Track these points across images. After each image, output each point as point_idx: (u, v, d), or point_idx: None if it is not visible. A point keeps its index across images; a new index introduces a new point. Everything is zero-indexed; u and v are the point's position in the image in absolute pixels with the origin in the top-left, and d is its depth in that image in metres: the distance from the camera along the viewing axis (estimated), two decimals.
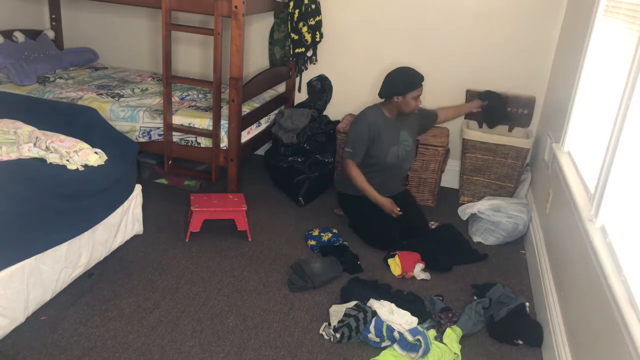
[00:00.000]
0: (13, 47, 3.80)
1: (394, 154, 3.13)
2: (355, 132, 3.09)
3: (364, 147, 3.08)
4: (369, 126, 3.07)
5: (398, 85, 3.03)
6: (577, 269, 2.16)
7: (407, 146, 3.20)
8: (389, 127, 3.12)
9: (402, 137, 3.17)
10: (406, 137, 3.20)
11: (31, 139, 2.49)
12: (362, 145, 3.08)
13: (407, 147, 3.20)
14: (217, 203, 3.01)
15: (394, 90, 3.04)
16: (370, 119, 3.10)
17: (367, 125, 3.07)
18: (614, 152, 1.95)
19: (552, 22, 3.55)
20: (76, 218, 2.34)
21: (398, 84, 3.03)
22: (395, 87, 3.04)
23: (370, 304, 2.39)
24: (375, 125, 3.08)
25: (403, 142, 3.18)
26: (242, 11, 2.94)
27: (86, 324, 2.26)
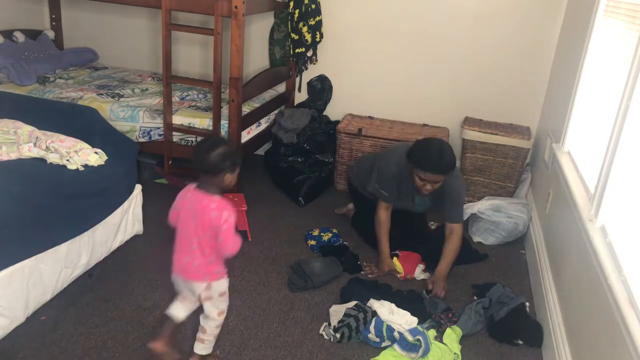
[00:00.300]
0: (13, 47, 3.80)
1: (404, 205, 2.93)
2: (386, 174, 2.79)
3: (395, 190, 2.80)
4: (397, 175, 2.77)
5: (413, 154, 2.66)
6: (577, 269, 2.16)
7: (417, 209, 3.00)
8: (408, 185, 2.76)
9: (419, 200, 2.92)
10: (422, 202, 2.94)
11: (31, 139, 2.49)
12: (393, 187, 2.80)
13: (415, 209, 3.00)
14: None
15: (411, 154, 2.67)
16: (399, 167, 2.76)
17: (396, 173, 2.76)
18: (614, 152, 1.95)
19: (552, 22, 3.55)
20: (76, 218, 2.34)
21: (414, 152, 2.66)
22: (413, 152, 2.67)
23: (370, 304, 2.39)
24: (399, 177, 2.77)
25: (417, 205, 2.96)
26: (242, 11, 2.94)
27: (86, 324, 2.26)
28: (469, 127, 3.59)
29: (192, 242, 1.89)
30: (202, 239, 1.88)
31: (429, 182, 2.61)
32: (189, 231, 1.90)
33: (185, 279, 1.96)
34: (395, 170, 2.77)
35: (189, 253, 1.91)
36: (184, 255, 1.93)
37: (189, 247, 1.91)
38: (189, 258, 1.92)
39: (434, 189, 2.64)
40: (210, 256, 1.91)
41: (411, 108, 3.72)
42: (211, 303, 2.01)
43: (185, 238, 1.92)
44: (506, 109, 3.79)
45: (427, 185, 2.62)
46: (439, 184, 2.63)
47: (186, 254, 1.92)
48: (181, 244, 1.94)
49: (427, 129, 3.73)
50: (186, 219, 1.91)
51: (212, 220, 1.85)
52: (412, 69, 3.83)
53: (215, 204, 1.87)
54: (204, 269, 1.92)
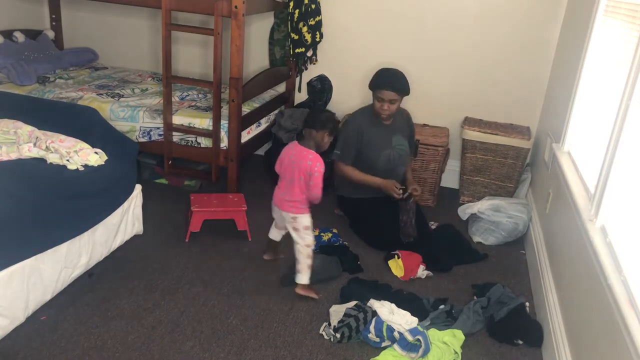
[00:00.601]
0: (13, 47, 3.80)
1: (385, 158, 3.12)
2: (343, 134, 3.11)
3: (351, 149, 3.09)
4: (357, 131, 3.08)
5: (372, 78, 3.08)
6: (577, 269, 2.16)
7: (401, 150, 3.18)
8: (379, 131, 3.12)
9: (395, 141, 3.16)
10: (400, 141, 3.18)
11: (31, 139, 2.49)
12: (349, 147, 3.09)
13: (401, 151, 3.18)
14: (217, 203, 3.01)
15: (370, 82, 3.09)
16: (357, 122, 3.12)
17: (356, 130, 3.09)
18: (614, 152, 1.95)
19: (552, 22, 3.55)
20: (76, 218, 2.34)
21: (373, 77, 3.08)
22: (371, 80, 3.08)
23: (371, 304, 2.39)
24: (363, 129, 3.09)
25: (397, 146, 3.16)
26: (242, 11, 2.94)
27: (86, 324, 2.26)
28: (469, 127, 3.59)
29: (289, 182, 2.49)
30: (297, 181, 2.46)
31: (386, 100, 3.00)
32: (289, 174, 2.49)
33: (280, 209, 2.56)
34: (354, 130, 3.09)
35: (285, 190, 2.52)
36: (282, 191, 2.54)
37: (286, 186, 2.51)
38: (285, 194, 2.52)
39: (391, 110, 3.03)
40: (300, 195, 2.48)
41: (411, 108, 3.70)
42: (297, 234, 2.53)
43: (285, 179, 2.51)
44: (506, 109, 3.79)
45: (384, 104, 3.01)
46: (395, 104, 3.03)
47: (283, 190, 2.53)
48: (282, 183, 2.55)
49: (427, 129, 3.73)
50: (289, 164, 2.50)
51: (308, 167, 2.43)
52: (412, 69, 3.82)
53: (312, 155, 2.46)
54: (293, 204, 2.51)
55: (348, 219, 3.28)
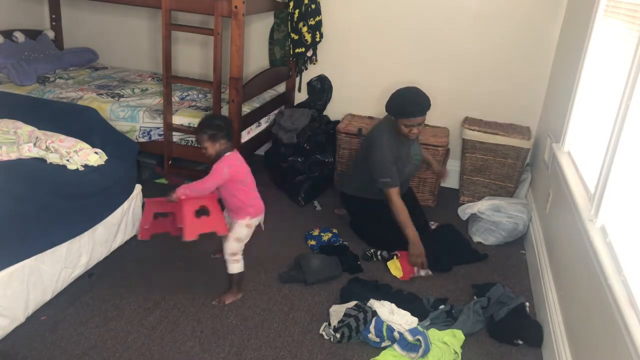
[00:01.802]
0: (13, 47, 3.80)
1: (406, 174, 3.06)
2: (382, 158, 2.92)
3: (396, 170, 2.94)
4: (391, 151, 2.94)
5: (394, 106, 2.91)
6: (577, 269, 2.16)
7: (417, 160, 3.12)
8: (401, 147, 2.99)
9: (413, 151, 3.07)
10: (416, 150, 3.10)
11: (31, 139, 2.49)
12: (395, 168, 2.93)
13: (416, 162, 3.12)
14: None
15: (390, 108, 2.94)
16: (389, 143, 2.94)
17: (390, 150, 2.93)
18: (614, 152, 1.95)
19: (552, 22, 3.55)
20: (76, 218, 2.35)
21: (395, 105, 2.91)
22: (391, 106, 2.93)
23: (371, 304, 2.39)
24: (392, 148, 2.94)
25: (414, 155, 3.08)
26: (242, 11, 2.94)
27: (86, 324, 2.26)
28: (469, 127, 3.59)
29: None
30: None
31: (415, 125, 2.89)
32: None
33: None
34: (388, 151, 2.94)
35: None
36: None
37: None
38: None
39: (420, 130, 2.95)
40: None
41: None
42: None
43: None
44: (506, 109, 3.79)
45: (414, 129, 2.90)
46: (422, 125, 2.95)
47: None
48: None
49: (427, 129, 3.72)
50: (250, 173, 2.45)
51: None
52: (412, 69, 3.82)
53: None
54: None
55: (350, 217, 3.27)
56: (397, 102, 2.91)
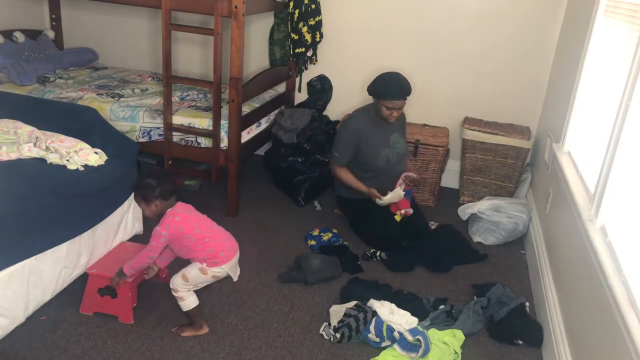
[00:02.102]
0: (13, 47, 3.80)
1: (384, 157, 3.11)
2: (340, 136, 3.14)
3: (349, 151, 3.10)
4: (355, 132, 3.07)
5: (376, 88, 3.03)
6: (577, 269, 2.16)
7: (399, 149, 3.17)
8: (378, 131, 3.10)
9: (394, 140, 3.15)
10: (398, 140, 3.17)
11: (31, 139, 2.49)
12: (347, 149, 3.09)
13: (399, 150, 3.17)
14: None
15: (371, 90, 3.05)
16: (356, 124, 3.10)
17: (353, 131, 3.08)
18: (614, 152, 1.95)
19: (552, 22, 3.55)
20: (76, 218, 2.34)
21: (376, 86, 3.03)
22: (373, 87, 3.04)
23: (371, 304, 2.39)
24: (362, 130, 3.08)
25: (394, 145, 3.15)
26: (242, 11, 2.94)
27: (86, 324, 2.26)
28: (469, 127, 3.59)
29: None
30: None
31: (395, 108, 2.99)
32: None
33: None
34: (351, 130, 3.09)
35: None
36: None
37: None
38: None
39: (399, 114, 3.05)
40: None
41: (411, 108, 3.71)
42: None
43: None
44: (506, 109, 3.79)
45: (394, 112, 3.00)
46: (402, 109, 3.06)
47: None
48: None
49: (427, 129, 3.73)
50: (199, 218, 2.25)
51: None
52: (412, 69, 3.82)
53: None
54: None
55: (347, 219, 3.28)
56: (380, 83, 3.02)
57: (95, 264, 2.38)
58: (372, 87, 3.05)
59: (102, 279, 2.30)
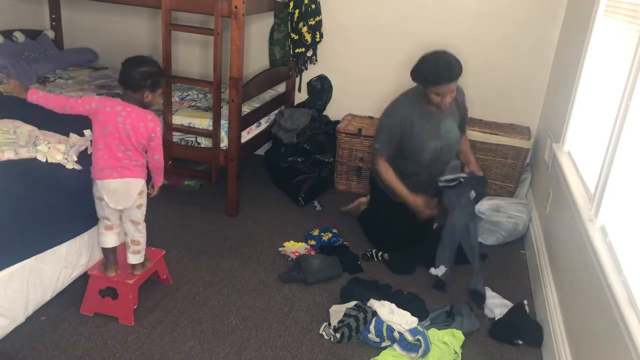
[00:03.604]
0: (13, 47, 3.80)
1: (432, 151, 2.80)
2: (382, 125, 2.83)
3: (392, 143, 2.81)
4: (401, 121, 2.76)
5: (422, 74, 2.69)
6: (577, 269, 2.16)
7: (451, 138, 2.85)
8: (428, 120, 2.76)
9: (446, 127, 2.81)
10: (450, 127, 2.84)
11: (31, 139, 2.49)
12: (390, 140, 2.81)
13: (450, 140, 2.86)
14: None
15: (417, 76, 2.71)
16: (403, 111, 2.77)
17: (398, 121, 2.77)
18: (614, 152, 1.95)
19: (552, 22, 3.55)
20: (76, 218, 2.34)
21: (422, 72, 2.68)
22: (418, 74, 2.70)
23: (371, 304, 2.39)
24: (409, 118, 2.75)
25: (446, 133, 2.82)
26: (242, 11, 2.94)
27: (86, 324, 2.26)
28: (469, 127, 3.58)
29: (124, 149, 2.12)
30: (136, 147, 2.14)
31: (447, 93, 2.63)
32: (120, 140, 2.11)
33: (122, 177, 2.15)
34: (396, 124, 2.77)
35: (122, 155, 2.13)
36: (117, 158, 2.13)
37: (119, 152, 2.12)
38: (124, 160, 2.14)
39: (452, 99, 2.67)
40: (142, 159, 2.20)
41: None
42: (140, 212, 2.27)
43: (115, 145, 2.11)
44: (506, 109, 3.79)
45: (447, 97, 2.63)
46: (455, 92, 2.66)
47: (117, 156, 2.12)
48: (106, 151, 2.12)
49: None
50: (119, 129, 2.09)
51: (150, 129, 2.13)
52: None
53: (150, 115, 2.14)
54: (142, 168, 2.20)
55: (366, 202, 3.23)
56: (425, 68, 2.66)
57: (96, 265, 2.38)
58: (416, 73, 2.69)
59: (103, 280, 2.30)
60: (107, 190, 2.15)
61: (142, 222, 2.29)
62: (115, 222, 2.27)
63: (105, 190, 2.15)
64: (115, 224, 2.27)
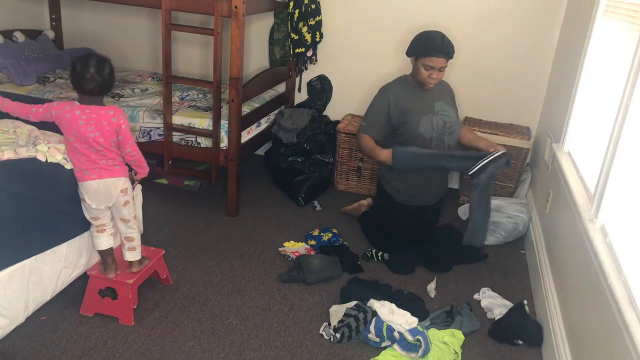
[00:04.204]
0: (13, 47, 3.80)
1: (427, 123, 2.78)
2: (373, 105, 2.90)
3: (380, 122, 2.85)
4: (390, 101, 2.82)
5: (414, 45, 2.77)
6: (577, 269, 2.16)
7: (446, 116, 2.84)
8: (418, 97, 2.82)
9: (439, 107, 2.84)
10: (444, 108, 2.86)
11: (30, 139, 2.49)
12: (378, 118, 2.85)
13: (446, 118, 2.84)
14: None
15: (410, 48, 2.79)
16: (392, 92, 2.84)
17: (388, 101, 2.83)
18: (614, 152, 1.95)
19: (552, 22, 3.55)
20: (76, 218, 2.34)
21: (415, 43, 2.77)
22: (411, 45, 2.79)
23: (371, 304, 2.39)
24: (400, 98, 2.82)
25: (440, 112, 2.84)
26: (242, 11, 2.94)
27: (86, 324, 2.26)
28: (469, 127, 3.59)
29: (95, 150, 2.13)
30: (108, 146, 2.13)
31: (436, 68, 2.71)
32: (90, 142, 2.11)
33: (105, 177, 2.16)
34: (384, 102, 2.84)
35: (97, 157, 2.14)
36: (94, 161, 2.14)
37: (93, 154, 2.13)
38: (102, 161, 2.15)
39: (439, 77, 2.75)
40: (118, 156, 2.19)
41: None
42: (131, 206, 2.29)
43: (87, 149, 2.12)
44: (506, 109, 3.79)
45: (433, 73, 2.72)
46: (443, 72, 2.75)
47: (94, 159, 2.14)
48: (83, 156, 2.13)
49: None
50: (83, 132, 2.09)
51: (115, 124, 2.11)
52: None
53: (112, 109, 2.13)
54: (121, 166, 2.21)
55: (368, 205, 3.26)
56: (420, 39, 2.77)
57: (95, 265, 2.38)
58: (411, 44, 2.80)
59: (103, 280, 2.30)
60: (87, 192, 2.18)
61: (132, 219, 2.31)
62: (106, 222, 2.28)
63: (85, 191, 2.18)
64: (107, 224, 2.29)
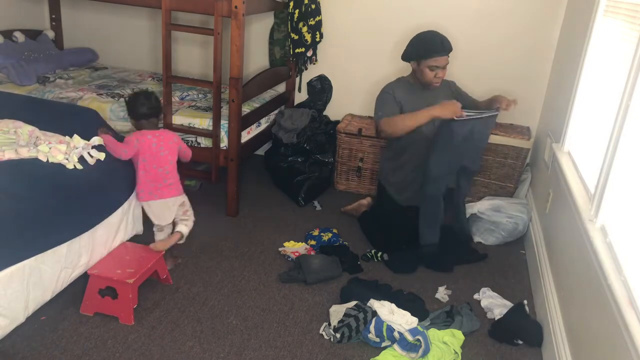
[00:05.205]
0: (13, 47, 3.80)
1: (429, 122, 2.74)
2: (379, 100, 2.88)
3: (393, 107, 2.80)
4: (394, 94, 2.84)
5: (413, 49, 2.79)
6: (577, 269, 2.16)
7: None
8: (419, 96, 2.82)
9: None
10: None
11: (31, 139, 2.49)
12: (392, 106, 2.80)
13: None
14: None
15: (409, 53, 2.81)
16: (393, 88, 2.85)
17: (392, 95, 2.83)
18: (614, 152, 1.95)
19: (552, 22, 3.55)
20: (76, 218, 2.34)
21: (414, 47, 2.79)
22: (410, 50, 2.81)
23: (371, 304, 2.39)
24: (402, 97, 2.82)
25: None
26: (242, 11, 2.94)
27: (86, 324, 2.27)
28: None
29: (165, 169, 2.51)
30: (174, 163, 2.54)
31: (440, 67, 2.75)
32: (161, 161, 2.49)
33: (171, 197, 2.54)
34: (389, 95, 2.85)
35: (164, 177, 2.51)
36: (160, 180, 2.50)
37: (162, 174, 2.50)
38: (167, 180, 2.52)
39: (444, 74, 2.79)
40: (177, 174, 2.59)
41: None
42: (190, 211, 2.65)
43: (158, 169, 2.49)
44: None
45: (439, 72, 2.76)
46: (446, 69, 2.78)
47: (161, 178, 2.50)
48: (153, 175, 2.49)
49: None
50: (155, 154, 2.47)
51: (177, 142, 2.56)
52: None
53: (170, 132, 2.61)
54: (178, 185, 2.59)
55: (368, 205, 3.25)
56: (418, 42, 2.77)
57: (95, 265, 2.38)
58: (409, 48, 2.79)
59: (103, 279, 2.30)
60: (151, 210, 2.55)
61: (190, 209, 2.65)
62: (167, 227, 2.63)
63: (149, 210, 2.55)
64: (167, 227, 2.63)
